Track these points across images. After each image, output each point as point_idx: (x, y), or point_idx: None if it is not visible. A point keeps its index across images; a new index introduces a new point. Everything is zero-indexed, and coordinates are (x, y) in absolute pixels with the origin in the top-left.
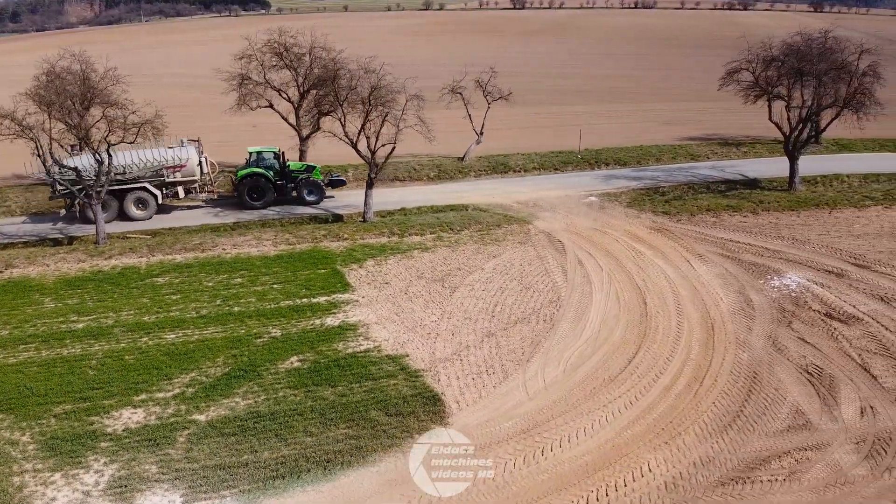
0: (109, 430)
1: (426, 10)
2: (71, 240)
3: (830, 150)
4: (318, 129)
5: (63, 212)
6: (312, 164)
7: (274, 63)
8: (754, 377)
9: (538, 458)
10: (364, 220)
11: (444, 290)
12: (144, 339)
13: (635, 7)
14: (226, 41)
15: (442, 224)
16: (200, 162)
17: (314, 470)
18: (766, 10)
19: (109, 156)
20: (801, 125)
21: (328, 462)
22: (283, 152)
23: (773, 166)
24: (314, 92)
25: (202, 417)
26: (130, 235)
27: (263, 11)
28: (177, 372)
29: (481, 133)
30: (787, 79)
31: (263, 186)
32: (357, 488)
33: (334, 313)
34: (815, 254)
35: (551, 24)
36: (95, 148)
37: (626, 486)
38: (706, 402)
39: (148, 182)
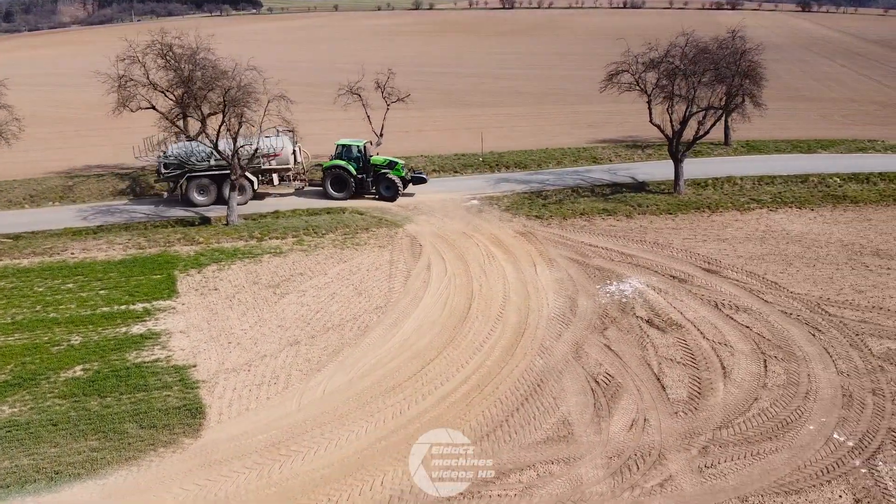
0: None
1: (415, 9)
2: None
3: (738, 152)
4: (205, 129)
5: (166, 194)
6: (395, 159)
7: (161, 64)
8: (538, 385)
9: (273, 473)
10: (227, 224)
11: (274, 296)
12: None
13: (623, 7)
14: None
15: (308, 227)
16: (294, 151)
17: (40, 481)
18: (755, 9)
19: None
20: (683, 127)
21: (56, 474)
22: (366, 146)
23: (668, 169)
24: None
25: None
26: None
27: (255, 11)
28: None
29: (381, 135)
30: (669, 80)
31: (344, 179)
32: (77, 500)
33: (145, 321)
34: (669, 258)
35: (532, 25)
36: None
37: (348, 500)
38: (475, 411)
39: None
